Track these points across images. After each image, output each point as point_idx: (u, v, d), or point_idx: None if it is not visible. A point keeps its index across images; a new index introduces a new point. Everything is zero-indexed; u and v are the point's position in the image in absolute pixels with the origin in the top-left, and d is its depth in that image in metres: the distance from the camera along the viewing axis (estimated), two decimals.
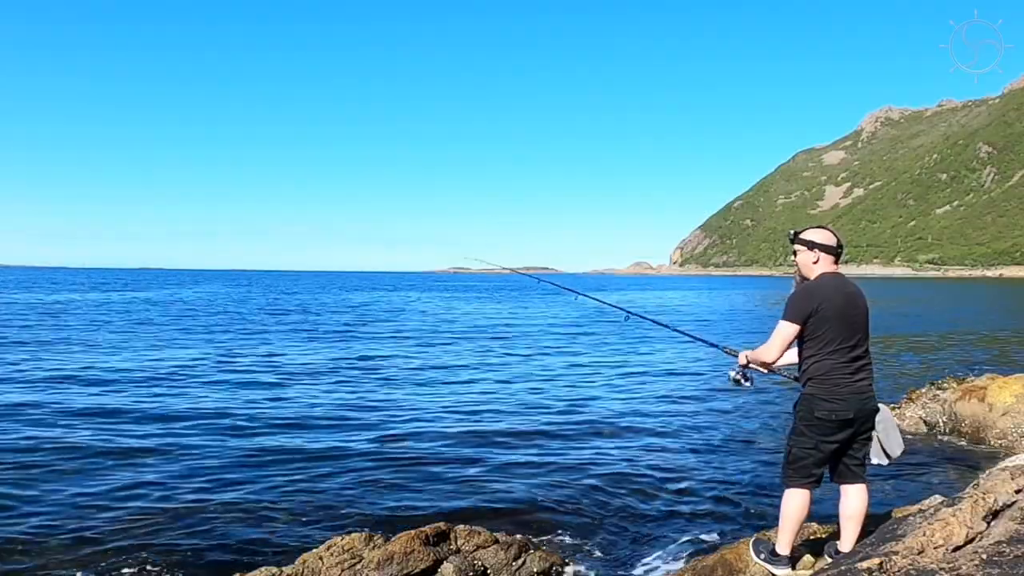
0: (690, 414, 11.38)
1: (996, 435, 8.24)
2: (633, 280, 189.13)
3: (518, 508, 6.74)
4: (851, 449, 4.18)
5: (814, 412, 4.05)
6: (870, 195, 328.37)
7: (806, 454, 4.11)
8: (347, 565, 4.50)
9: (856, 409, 4.04)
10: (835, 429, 4.06)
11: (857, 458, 4.21)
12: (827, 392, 4.03)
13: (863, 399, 4.08)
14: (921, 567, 3.02)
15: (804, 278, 4.21)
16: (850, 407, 4.02)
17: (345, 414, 10.96)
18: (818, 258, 4.16)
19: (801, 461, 4.13)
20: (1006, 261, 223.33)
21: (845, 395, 4.02)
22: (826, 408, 4.02)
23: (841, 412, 4.02)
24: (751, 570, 4.45)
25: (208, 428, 9.83)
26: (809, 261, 4.17)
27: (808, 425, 4.09)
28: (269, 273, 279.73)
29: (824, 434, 4.06)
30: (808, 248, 4.17)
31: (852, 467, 4.21)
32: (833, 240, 4.20)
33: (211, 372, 15.13)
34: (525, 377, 15.27)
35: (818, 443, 4.08)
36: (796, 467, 4.15)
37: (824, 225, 4.40)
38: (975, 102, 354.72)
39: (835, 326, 4.02)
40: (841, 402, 4.01)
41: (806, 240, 4.19)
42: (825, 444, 4.08)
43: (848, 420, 4.05)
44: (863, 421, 4.11)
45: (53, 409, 10.78)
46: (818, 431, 4.06)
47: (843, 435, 4.09)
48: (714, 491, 7.34)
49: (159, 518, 6.31)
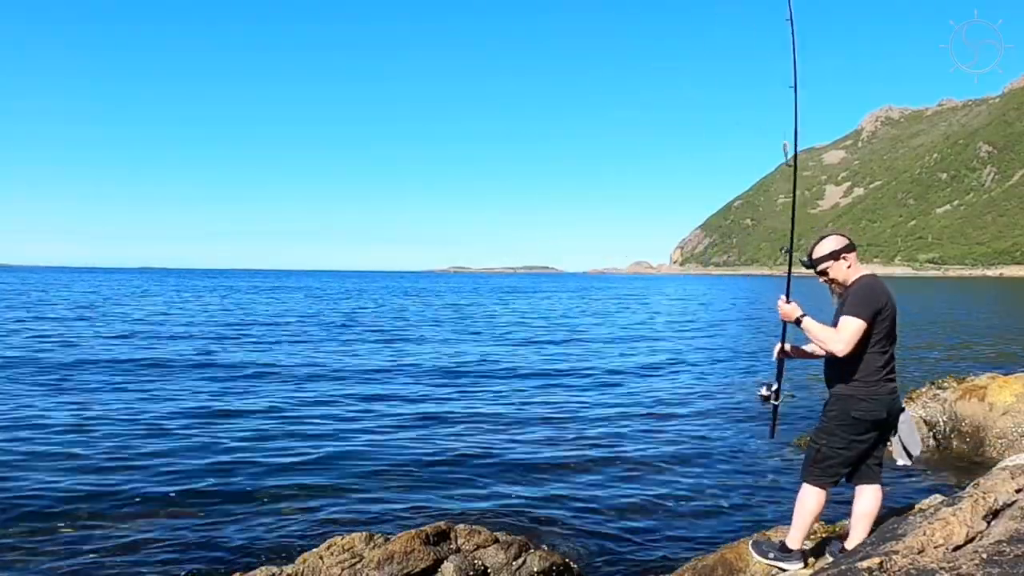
0: (690, 415, 11.38)
1: (996, 435, 8.23)
2: (635, 279, 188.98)
3: (518, 508, 6.74)
4: (875, 450, 4.16)
5: (850, 412, 4.00)
6: (870, 194, 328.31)
7: (836, 454, 4.06)
8: (347, 564, 4.49)
9: (888, 409, 4.03)
10: (868, 429, 4.03)
11: (877, 458, 4.18)
12: (867, 392, 3.98)
13: (894, 399, 4.07)
14: (921, 566, 3.01)
15: (843, 285, 4.12)
16: (883, 407, 4.01)
17: (345, 413, 10.96)
18: (849, 262, 4.09)
19: (829, 460, 4.08)
20: (1006, 260, 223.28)
21: (882, 395, 4.00)
22: (862, 408, 3.98)
23: (876, 412, 3.99)
24: (751, 570, 4.44)
25: (204, 426, 9.85)
26: (843, 268, 4.09)
27: (841, 425, 4.03)
28: (269, 273, 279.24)
29: (858, 434, 4.02)
30: (835, 259, 4.09)
31: (872, 467, 4.18)
32: (844, 238, 4.16)
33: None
34: (524, 377, 15.29)
35: (850, 443, 4.04)
36: (823, 466, 4.10)
37: (824, 235, 4.26)
38: (975, 102, 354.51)
39: (890, 326, 4.00)
40: (877, 402, 3.99)
41: (828, 254, 4.10)
42: (856, 444, 4.05)
43: (881, 420, 4.03)
44: (891, 421, 4.10)
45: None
46: (852, 431, 4.02)
47: (874, 435, 4.07)
48: (714, 491, 7.33)
49: (159, 517, 6.31)
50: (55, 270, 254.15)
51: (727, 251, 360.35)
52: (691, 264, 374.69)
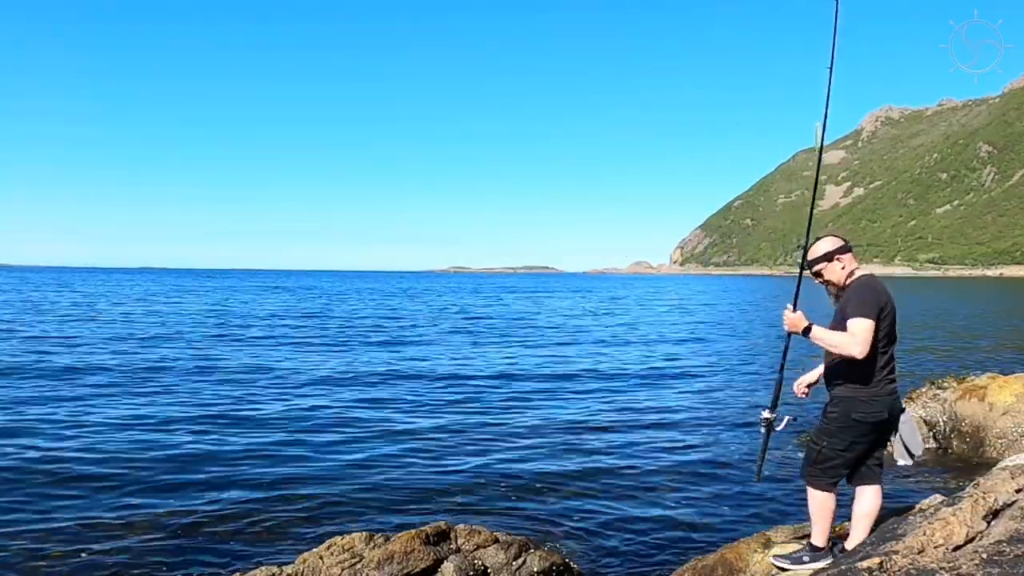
0: (690, 416, 11.37)
1: (996, 434, 8.23)
2: (635, 279, 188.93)
3: (518, 508, 6.74)
4: (875, 450, 4.13)
5: (851, 414, 3.96)
6: (870, 194, 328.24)
7: (836, 455, 4.03)
8: (347, 564, 4.49)
9: (889, 410, 4.00)
10: (870, 431, 4.00)
11: (877, 459, 4.15)
12: (868, 394, 3.94)
13: (894, 400, 4.04)
14: (921, 566, 3.01)
15: (839, 287, 4.09)
16: (885, 408, 3.97)
17: (345, 414, 10.96)
18: (844, 263, 4.06)
19: (830, 462, 4.05)
20: (1006, 260, 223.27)
21: (883, 396, 3.96)
22: (864, 410, 3.94)
23: (878, 414, 3.96)
24: (751, 570, 4.44)
25: (203, 427, 9.84)
26: (838, 269, 4.06)
27: (842, 427, 3.99)
28: (269, 273, 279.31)
29: (859, 436, 3.99)
30: (829, 260, 4.06)
31: (872, 467, 4.15)
32: (839, 239, 4.13)
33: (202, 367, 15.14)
34: (523, 376, 15.28)
35: (850, 444, 4.01)
36: (824, 467, 4.08)
37: (819, 236, 4.21)
38: (975, 102, 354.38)
39: (890, 326, 3.96)
40: (878, 403, 3.95)
41: (822, 256, 4.07)
42: (857, 446, 4.02)
43: (883, 421, 4.00)
44: (892, 422, 4.07)
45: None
46: (853, 433, 3.98)
47: (875, 436, 4.05)
48: (714, 491, 7.34)
49: (159, 517, 6.31)
50: (55, 270, 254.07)
51: (727, 251, 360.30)
52: (691, 264, 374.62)
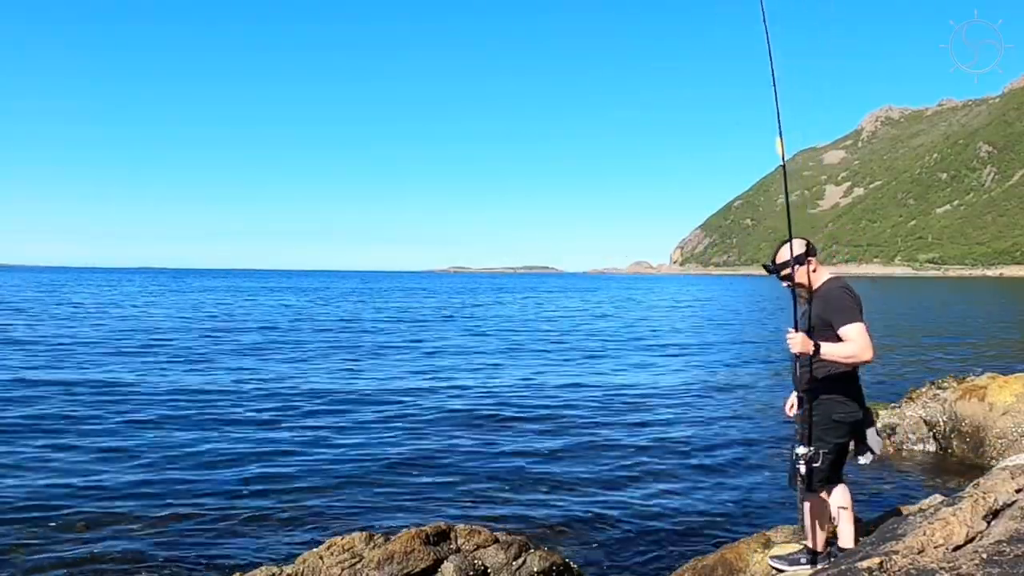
0: (689, 416, 11.38)
1: (996, 434, 8.22)
2: (635, 279, 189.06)
3: (519, 508, 6.74)
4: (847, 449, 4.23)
5: (831, 416, 4.05)
6: (870, 194, 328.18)
7: (822, 458, 4.08)
8: (347, 564, 4.49)
9: (862, 409, 4.12)
10: (848, 431, 4.11)
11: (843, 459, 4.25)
12: (845, 394, 4.05)
13: (862, 398, 4.17)
14: (921, 566, 3.01)
15: (810, 289, 4.13)
16: (859, 407, 4.10)
17: (345, 415, 10.96)
18: (813, 266, 4.14)
19: (818, 466, 4.09)
20: (1006, 260, 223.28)
21: (854, 395, 4.08)
22: (843, 411, 4.05)
23: (855, 413, 4.08)
24: (751, 570, 4.44)
25: (203, 428, 9.84)
26: (808, 271, 4.13)
27: (825, 429, 4.07)
28: (269, 273, 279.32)
29: (840, 436, 4.10)
30: (800, 263, 4.12)
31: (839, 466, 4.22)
32: (805, 243, 4.17)
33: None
34: (521, 374, 15.28)
35: (834, 445, 4.10)
36: (814, 472, 4.11)
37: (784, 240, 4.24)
38: (975, 102, 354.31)
39: None
40: (854, 403, 4.07)
41: (793, 259, 4.10)
42: (838, 445, 4.12)
43: (859, 421, 4.11)
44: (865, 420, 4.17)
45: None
46: (835, 434, 4.07)
47: (852, 435, 4.14)
48: (714, 491, 7.34)
49: (159, 518, 6.32)
50: (55, 270, 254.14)
51: (727, 251, 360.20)
52: (691, 264, 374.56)
